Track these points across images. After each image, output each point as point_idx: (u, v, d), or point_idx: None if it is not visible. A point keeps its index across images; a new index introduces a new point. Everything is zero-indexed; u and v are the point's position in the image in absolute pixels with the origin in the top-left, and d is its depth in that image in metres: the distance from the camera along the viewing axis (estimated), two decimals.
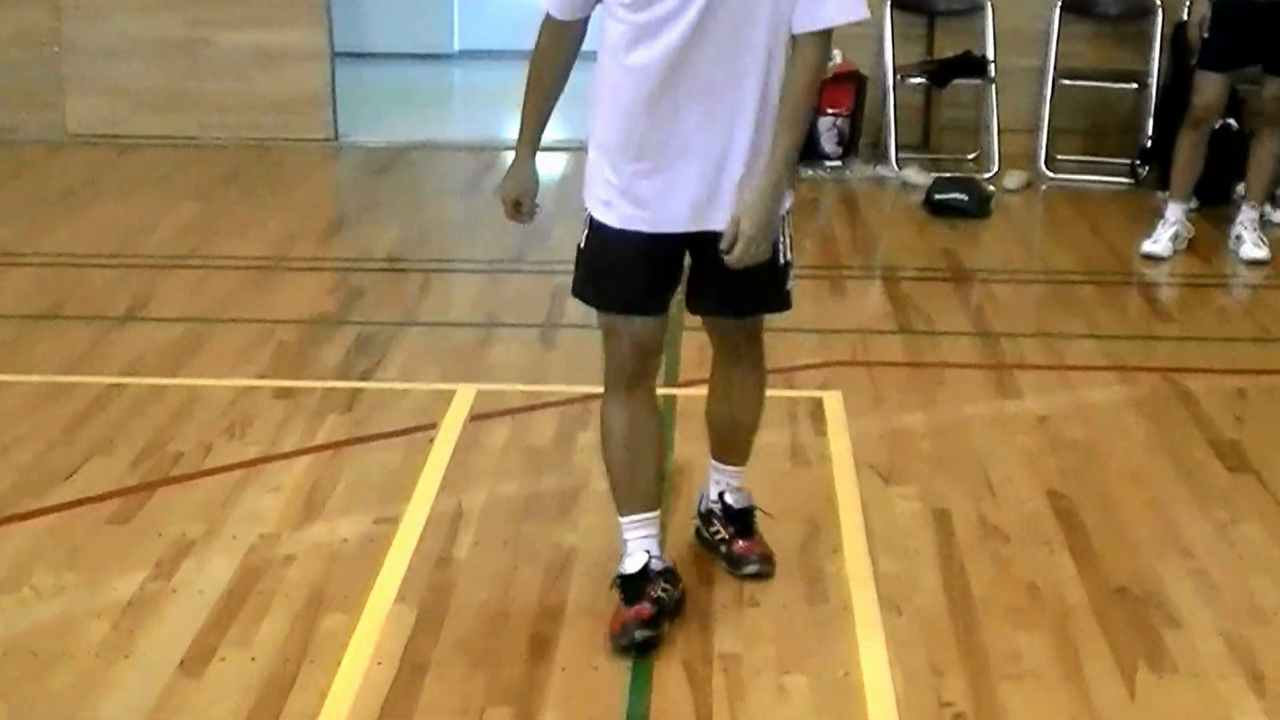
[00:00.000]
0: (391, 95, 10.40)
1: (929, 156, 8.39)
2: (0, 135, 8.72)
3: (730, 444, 4.00)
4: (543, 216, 7.43)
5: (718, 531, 3.99)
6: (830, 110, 8.30)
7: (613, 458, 3.70)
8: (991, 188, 7.76)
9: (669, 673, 3.49)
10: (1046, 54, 8.22)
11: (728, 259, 3.46)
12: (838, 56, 8.37)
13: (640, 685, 3.45)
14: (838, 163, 8.27)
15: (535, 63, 3.58)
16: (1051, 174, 8.15)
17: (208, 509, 4.26)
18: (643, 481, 3.71)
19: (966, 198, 7.48)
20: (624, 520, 3.72)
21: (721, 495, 4.00)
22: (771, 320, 5.80)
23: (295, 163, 8.49)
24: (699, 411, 4.95)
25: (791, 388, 5.17)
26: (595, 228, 3.56)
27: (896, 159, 8.20)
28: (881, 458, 4.63)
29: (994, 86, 8.28)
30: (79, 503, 4.30)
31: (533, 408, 4.99)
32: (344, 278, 6.38)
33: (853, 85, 8.35)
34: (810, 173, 8.17)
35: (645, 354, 3.64)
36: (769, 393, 5.12)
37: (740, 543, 3.94)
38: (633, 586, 3.64)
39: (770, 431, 4.79)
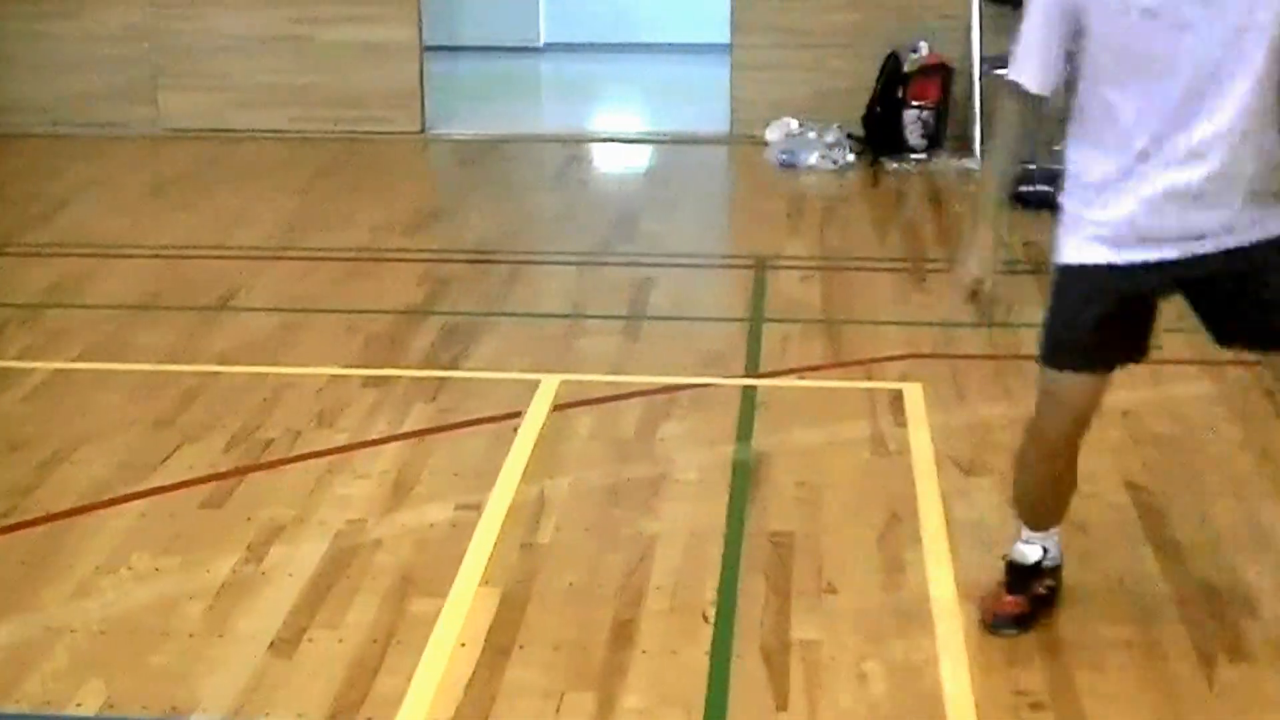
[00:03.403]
0: (479, 88, 10.48)
1: None
2: (101, 130, 8.89)
3: None
4: (631, 208, 7.61)
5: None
6: (916, 103, 8.29)
7: None
8: None
9: (748, 658, 3.53)
10: None
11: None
12: (924, 49, 8.37)
13: (720, 671, 3.49)
14: (923, 155, 8.25)
15: None
16: None
17: (298, 494, 4.34)
18: None
19: (1052, 189, 7.40)
20: None
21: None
22: (852, 312, 5.90)
23: (387, 156, 8.58)
24: (780, 400, 5.02)
25: (872, 379, 5.20)
26: None
27: (982, 151, 8.16)
28: (962, 450, 4.63)
29: None
30: (174, 487, 4.39)
31: (616, 398, 5.04)
32: (433, 269, 6.46)
33: (939, 77, 8.33)
34: (895, 165, 8.17)
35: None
36: (849, 384, 5.16)
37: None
38: None
39: (851, 422, 4.83)
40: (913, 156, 8.26)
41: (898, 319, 5.84)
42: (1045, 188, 7.37)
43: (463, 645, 3.58)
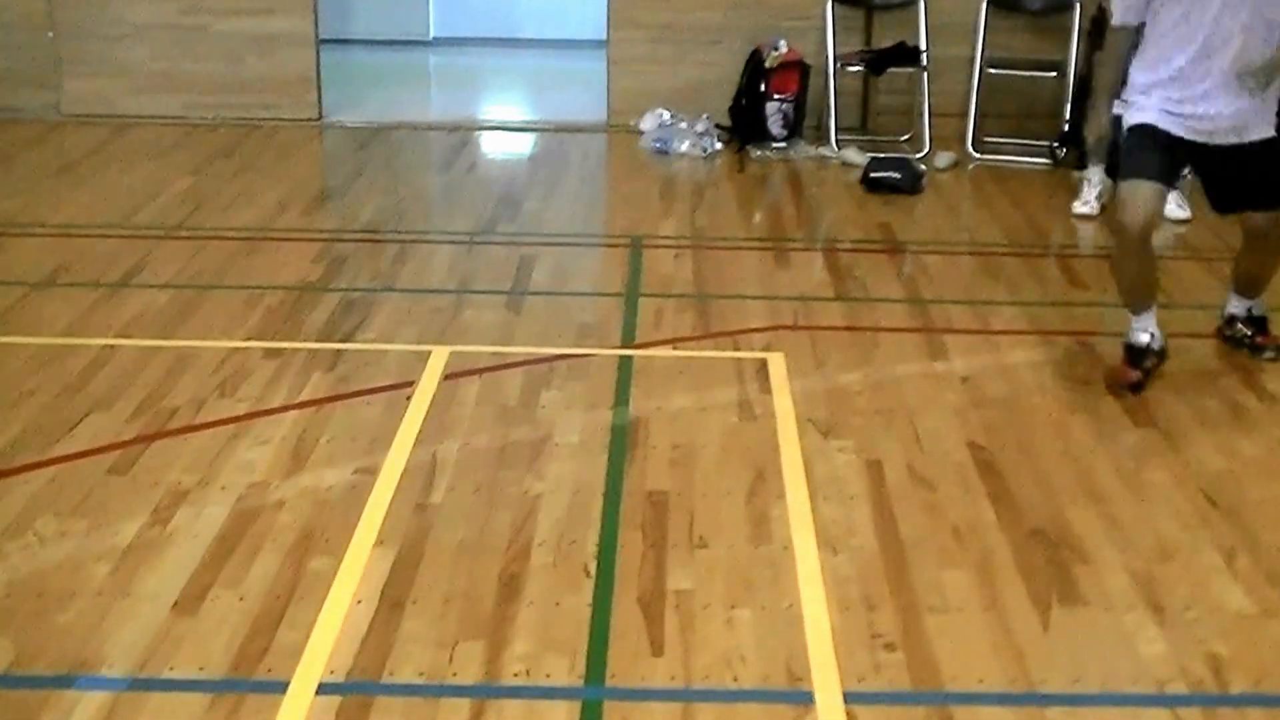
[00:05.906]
0: (372, 78, 10.35)
1: (866, 138, 8.39)
2: (2, 114, 8.65)
3: (1250, 287, 5.21)
4: (514, 191, 7.55)
5: (1241, 331, 5.23)
6: (777, 95, 8.30)
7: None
8: (924, 167, 7.76)
9: (627, 607, 3.51)
10: (975, 44, 8.23)
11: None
12: (784, 46, 8.39)
13: (601, 619, 3.47)
14: (783, 144, 8.26)
15: None
16: (978, 155, 8.15)
17: (201, 460, 4.26)
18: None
19: (900, 176, 7.49)
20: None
21: (1249, 310, 5.21)
22: (720, 287, 5.90)
23: (283, 141, 8.43)
24: (654, 368, 5.01)
25: (739, 349, 5.20)
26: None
27: (836, 140, 8.20)
28: (821, 413, 4.65)
29: (926, 74, 8.29)
30: (81, 454, 4.28)
31: (501, 367, 5.00)
32: (328, 247, 6.36)
33: (797, 72, 8.35)
34: (758, 153, 8.18)
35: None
36: (718, 354, 5.16)
37: (1260, 337, 5.20)
38: None
39: (719, 389, 4.83)
40: (774, 145, 8.27)
41: (762, 293, 5.84)
42: (894, 175, 7.48)
43: (359, 601, 3.52)
